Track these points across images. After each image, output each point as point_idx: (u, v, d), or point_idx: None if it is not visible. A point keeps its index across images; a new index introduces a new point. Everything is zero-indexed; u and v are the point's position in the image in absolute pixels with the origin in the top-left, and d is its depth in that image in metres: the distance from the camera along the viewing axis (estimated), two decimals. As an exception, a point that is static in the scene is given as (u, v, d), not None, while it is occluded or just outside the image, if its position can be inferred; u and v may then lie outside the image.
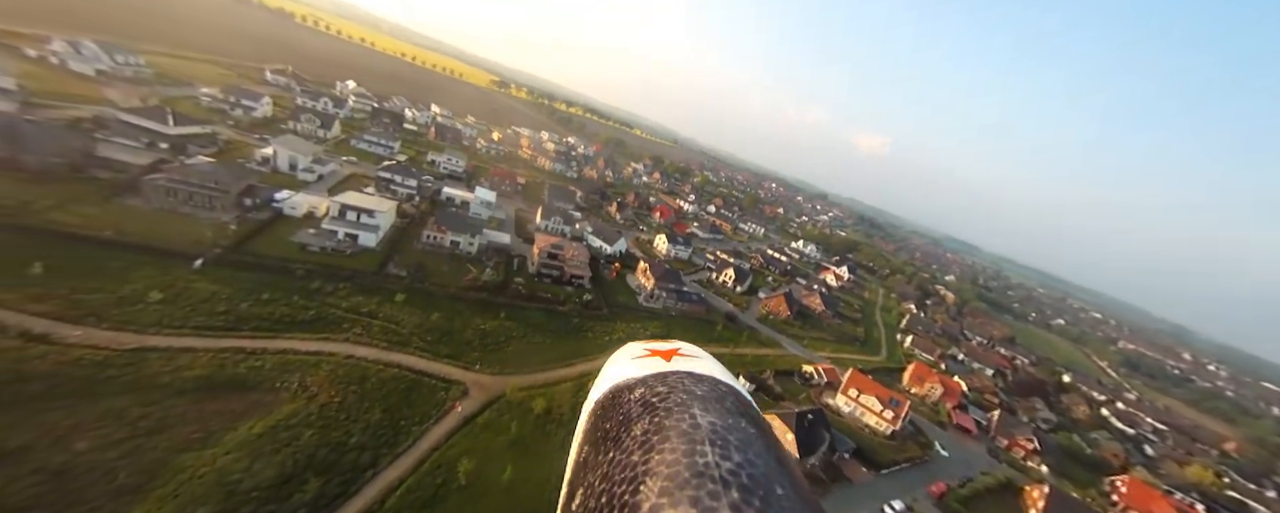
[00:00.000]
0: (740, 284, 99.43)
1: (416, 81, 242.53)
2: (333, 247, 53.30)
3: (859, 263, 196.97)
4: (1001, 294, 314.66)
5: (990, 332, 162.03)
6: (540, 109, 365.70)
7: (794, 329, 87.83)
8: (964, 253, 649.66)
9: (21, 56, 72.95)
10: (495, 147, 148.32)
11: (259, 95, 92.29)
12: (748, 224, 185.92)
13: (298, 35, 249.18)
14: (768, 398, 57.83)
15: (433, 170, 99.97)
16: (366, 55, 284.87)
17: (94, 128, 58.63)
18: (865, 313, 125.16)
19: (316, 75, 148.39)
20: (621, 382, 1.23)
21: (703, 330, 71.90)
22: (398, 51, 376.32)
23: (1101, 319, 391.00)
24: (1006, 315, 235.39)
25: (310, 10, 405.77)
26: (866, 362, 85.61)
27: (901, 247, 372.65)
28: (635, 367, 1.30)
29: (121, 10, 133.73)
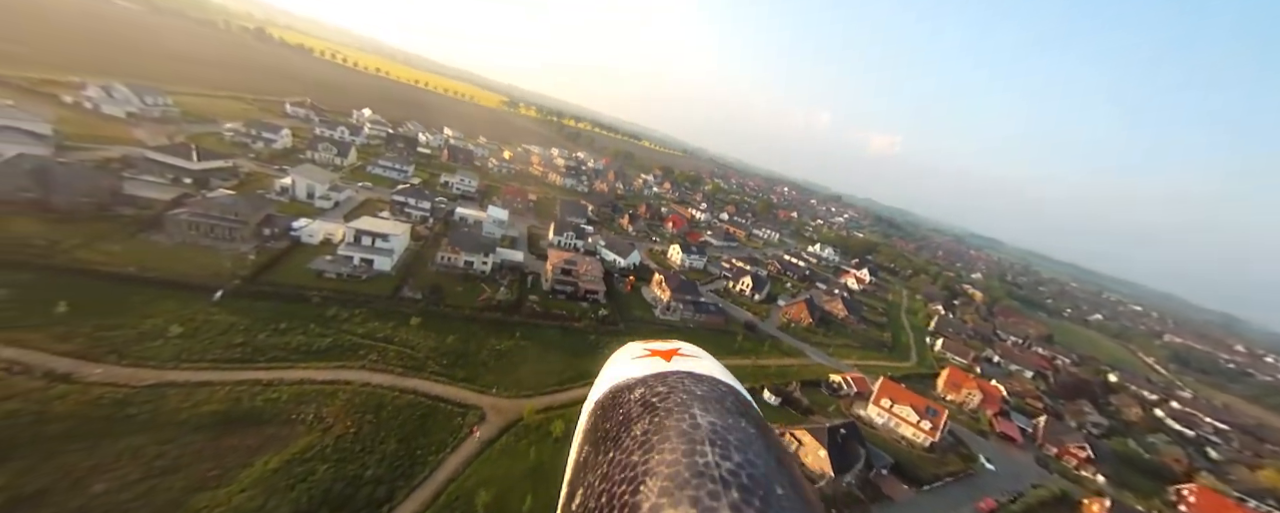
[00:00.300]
0: (758, 292, 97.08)
1: (429, 106, 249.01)
2: (348, 272, 53.58)
3: (880, 264, 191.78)
4: (1032, 290, 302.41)
5: (1025, 331, 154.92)
6: (549, 126, 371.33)
7: (817, 337, 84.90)
8: (988, 249, 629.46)
9: (59, 103, 76.74)
10: (506, 165, 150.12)
11: (279, 127, 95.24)
12: (762, 230, 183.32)
13: (317, 68, 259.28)
14: (795, 412, 55.35)
15: (446, 192, 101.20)
16: (382, 84, 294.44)
17: (122, 167, 60.84)
18: (890, 316, 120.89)
19: (334, 105, 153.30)
20: (621, 382, 1.23)
21: (722, 342, 69.86)
22: (412, 79, 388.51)
23: (1142, 312, 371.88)
24: (1040, 313, 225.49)
25: (329, 45, 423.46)
26: (896, 369, 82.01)
27: (922, 245, 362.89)
28: (635, 367, 1.31)
29: (153, 56, 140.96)
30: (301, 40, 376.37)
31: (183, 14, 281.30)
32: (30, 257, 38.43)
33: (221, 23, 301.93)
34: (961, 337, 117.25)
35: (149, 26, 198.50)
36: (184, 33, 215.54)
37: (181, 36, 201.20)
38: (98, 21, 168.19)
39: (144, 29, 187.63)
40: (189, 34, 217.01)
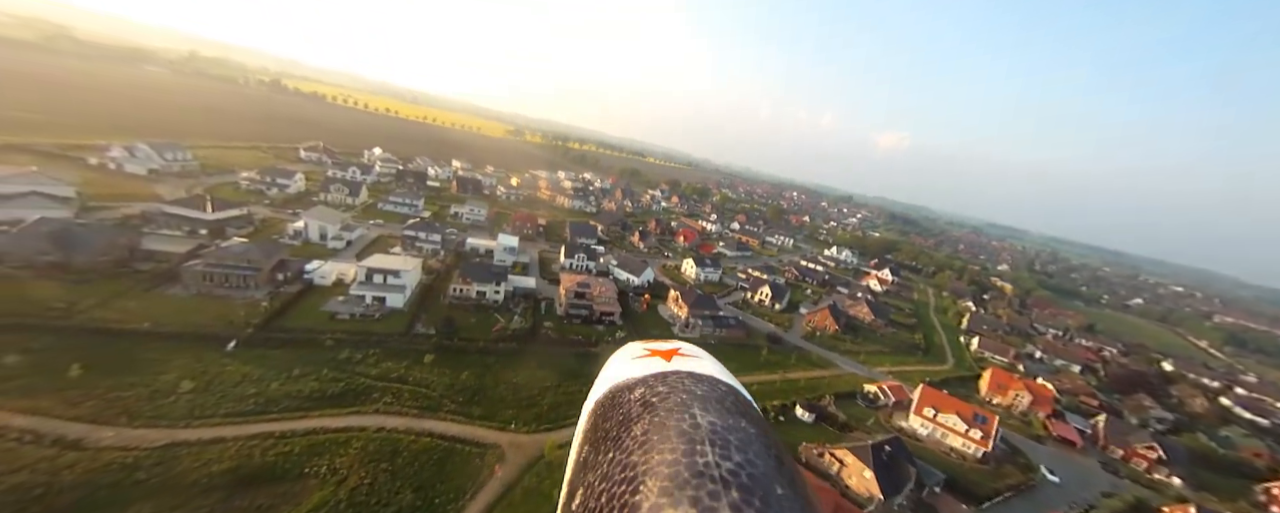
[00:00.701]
0: (778, 301, 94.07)
1: (438, 140, 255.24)
2: (361, 312, 53.02)
3: (901, 263, 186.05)
4: (1064, 278, 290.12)
5: (1063, 322, 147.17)
6: (555, 151, 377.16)
7: (845, 344, 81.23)
8: (1011, 239, 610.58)
9: (84, 166, 79.78)
10: (515, 192, 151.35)
11: (292, 173, 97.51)
12: (775, 237, 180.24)
13: (330, 114, 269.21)
14: (832, 429, 51.98)
15: (456, 223, 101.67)
16: (392, 123, 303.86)
17: (141, 222, 62.19)
18: (919, 316, 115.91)
19: (346, 147, 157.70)
20: (621, 382, 1.23)
21: (747, 357, 67.01)
22: (420, 116, 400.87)
23: (1184, 292, 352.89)
24: (1076, 302, 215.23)
25: (341, 90, 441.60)
26: (934, 373, 77.60)
27: (941, 240, 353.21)
28: (635, 367, 1.31)
29: (177, 114, 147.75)
30: (315, 88, 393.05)
31: (205, 73, 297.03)
32: (48, 320, 38.59)
33: (241, 79, 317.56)
34: (998, 333, 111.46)
35: (174, 88, 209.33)
36: (206, 90, 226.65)
37: (203, 94, 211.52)
38: (129, 87, 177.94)
39: (169, 90, 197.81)
40: (210, 91, 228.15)
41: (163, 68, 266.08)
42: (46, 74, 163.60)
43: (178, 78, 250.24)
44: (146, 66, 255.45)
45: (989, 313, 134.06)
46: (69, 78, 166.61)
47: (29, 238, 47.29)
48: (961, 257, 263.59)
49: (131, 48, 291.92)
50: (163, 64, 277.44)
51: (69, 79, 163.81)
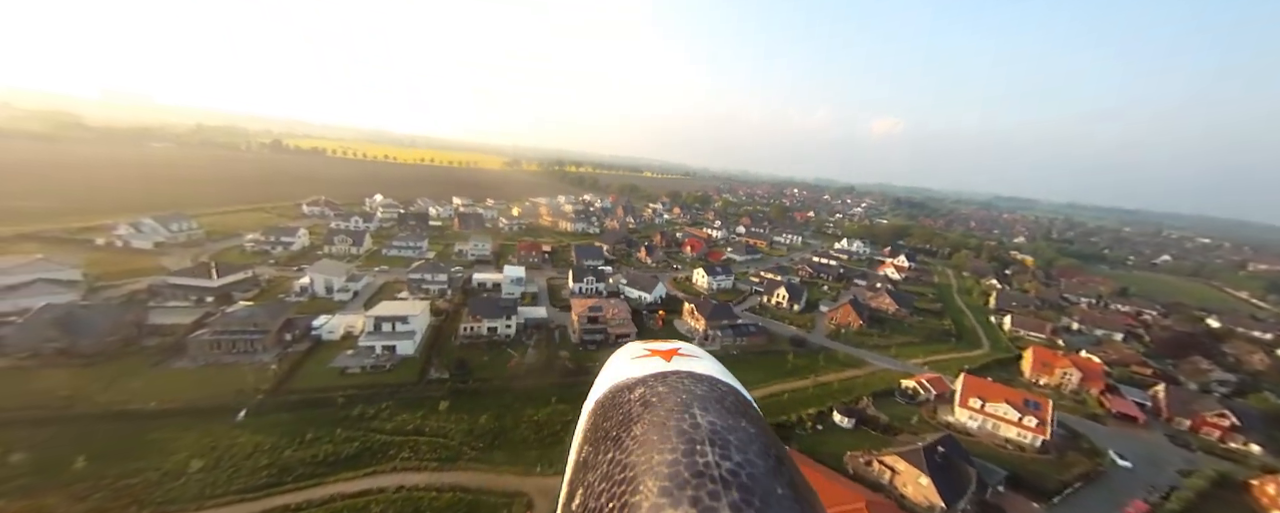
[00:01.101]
0: (796, 302, 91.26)
1: (437, 180, 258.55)
2: (372, 364, 51.63)
3: (915, 248, 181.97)
4: (1085, 243, 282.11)
5: (1094, 289, 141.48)
6: (552, 176, 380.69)
7: (873, 339, 77.98)
8: (1021, 210, 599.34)
9: (91, 247, 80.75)
10: (517, 222, 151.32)
11: (295, 230, 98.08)
12: (783, 236, 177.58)
13: (331, 167, 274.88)
14: (874, 432, 48.83)
15: (461, 260, 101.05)
16: (391, 169, 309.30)
17: (147, 297, 62.03)
18: (944, 301, 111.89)
19: (348, 197, 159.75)
20: (621, 381, 1.24)
21: (773, 364, 64.21)
22: (417, 159, 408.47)
23: (1212, 244, 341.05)
24: (1101, 266, 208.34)
25: (339, 143, 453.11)
26: (970, 359, 73.87)
27: (951, 220, 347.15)
28: (635, 367, 1.31)
29: (183, 184, 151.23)
30: (315, 145, 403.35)
31: (210, 143, 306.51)
32: (53, 410, 37.64)
33: (243, 145, 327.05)
34: (1029, 309, 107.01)
35: (179, 161, 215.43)
36: (211, 160, 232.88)
37: (208, 164, 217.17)
38: (136, 166, 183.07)
39: (175, 164, 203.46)
40: (215, 160, 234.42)
41: (169, 143, 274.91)
42: (57, 160, 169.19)
43: (184, 150, 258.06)
44: (154, 144, 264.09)
45: (1015, 289, 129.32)
46: (79, 162, 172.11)
47: (35, 326, 46.93)
48: (975, 234, 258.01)
49: (139, 127, 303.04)
50: (169, 140, 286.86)
51: (79, 163, 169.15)
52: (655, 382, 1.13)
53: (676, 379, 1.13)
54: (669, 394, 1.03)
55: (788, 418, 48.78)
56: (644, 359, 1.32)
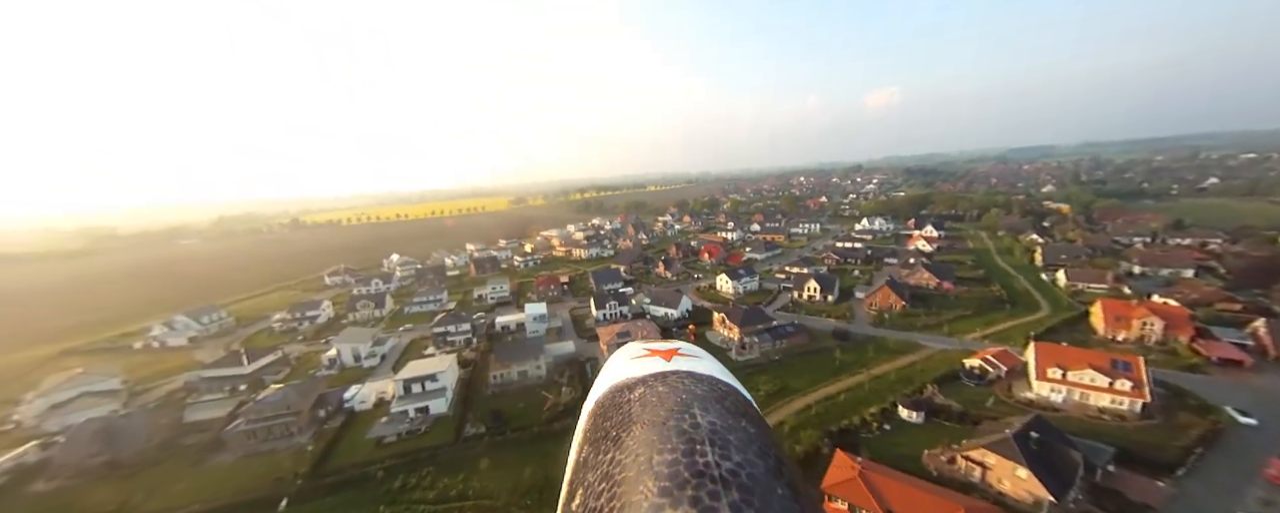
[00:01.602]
0: (829, 292, 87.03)
1: (449, 231, 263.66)
2: (407, 429, 50.18)
3: (940, 216, 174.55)
4: (1119, 180, 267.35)
5: (1145, 226, 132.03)
6: (559, 206, 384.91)
7: (920, 319, 73.10)
8: (1041, 158, 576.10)
9: (130, 351, 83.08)
10: (531, 258, 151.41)
11: (319, 303, 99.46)
12: (800, 226, 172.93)
13: (347, 235, 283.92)
14: (950, 423, 44.34)
15: (482, 305, 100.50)
16: (404, 227, 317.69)
17: (184, 395, 62.59)
18: (986, 265, 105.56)
19: (367, 261, 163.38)
20: (621, 381, 1.25)
21: (820, 364, 60.24)
22: (428, 212, 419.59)
23: (1258, 158, 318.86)
24: (1144, 201, 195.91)
25: (353, 211, 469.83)
26: (1033, 324, 68.18)
27: (970, 180, 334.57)
28: (635, 367, 1.32)
29: (211, 275, 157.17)
30: (330, 217, 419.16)
31: (232, 232, 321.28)
32: (98, 529, 36.99)
33: (264, 228, 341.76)
34: (1080, 259, 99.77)
35: (206, 254, 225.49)
36: (234, 249, 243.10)
37: (232, 253, 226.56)
38: (167, 264, 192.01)
39: (201, 258, 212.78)
40: (238, 248, 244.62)
41: (195, 239, 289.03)
42: (97, 273, 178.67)
43: (209, 243, 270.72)
44: (182, 241, 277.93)
45: (1059, 240, 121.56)
46: (117, 271, 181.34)
47: (78, 443, 47.15)
48: (999, 191, 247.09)
49: (167, 228, 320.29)
50: (195, 235, 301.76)
51: (117, 272, 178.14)
52: (655, 382, 1.16)
53: (676, 379, 1.16)
54: (669, 394, 1.07)
55: (849, 421, 44.88)
56: (644, 359, 1.32)
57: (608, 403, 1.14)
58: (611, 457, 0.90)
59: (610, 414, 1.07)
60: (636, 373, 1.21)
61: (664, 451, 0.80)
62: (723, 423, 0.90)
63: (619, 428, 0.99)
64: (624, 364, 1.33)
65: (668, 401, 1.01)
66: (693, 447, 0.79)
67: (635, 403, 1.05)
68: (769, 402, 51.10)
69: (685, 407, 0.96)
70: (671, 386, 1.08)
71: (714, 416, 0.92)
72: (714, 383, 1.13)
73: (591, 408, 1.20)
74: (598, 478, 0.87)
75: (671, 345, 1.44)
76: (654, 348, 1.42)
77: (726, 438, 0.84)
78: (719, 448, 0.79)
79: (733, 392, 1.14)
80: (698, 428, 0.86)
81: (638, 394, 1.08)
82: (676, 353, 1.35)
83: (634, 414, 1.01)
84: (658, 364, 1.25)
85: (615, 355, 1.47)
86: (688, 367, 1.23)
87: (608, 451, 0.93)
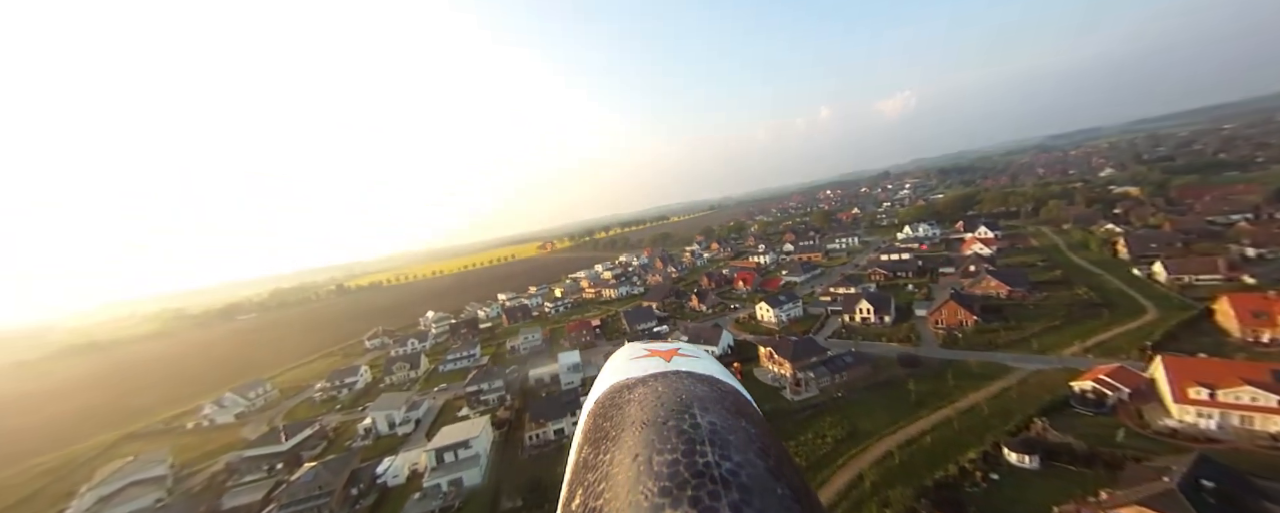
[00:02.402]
0: (885, 312, 78.89)
1: (481, 281, 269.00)
2: (440, 506, 46.14)
3: (991, 216, 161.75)
4: (1189, 155, 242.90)
5: (1243, 202, 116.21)
6: (585, 247, 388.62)
7: (999, 334, 64.04)
8: (1089, 141, 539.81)
9: (182, 432, 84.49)
10: (561, 302, 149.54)
11: (356, 368, 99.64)
12: (836, 242, 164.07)
13: (388, 296, 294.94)
14: (1075, 466, 35.87)
15: (514, 357, 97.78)
16: (440, 282, 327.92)
17: (225, 477, 61.41)
18: (1062, 264, 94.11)
19: (404, 320, 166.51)
20: (621, 381, 1.19)
21: (892, 398, 52.54)
22: (462, 266, 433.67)
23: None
24: (1227, 174, 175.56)
25: (393, 272, 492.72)
26: (1146, 331, 57.91)
27: (1015, 173, 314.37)
28: (635, 367, 1.28)
29: (262, 348, 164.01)
30: (372, 279, 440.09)
31: (286, 303, 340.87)
32: None
33: (313, 296, 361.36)
34: (1177, 246, 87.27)
35: (259, 327, 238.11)
36: (285, 320, 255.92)
37: (283, 324, 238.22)
38: (225, 340, 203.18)
39: (255, 331, 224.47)
40: (289, 318, 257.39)
41: (252, 313, 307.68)
42: (165, 353, 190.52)
43: (264, 315, 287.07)
44: (240, 317, 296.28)
45: (1139, 228, 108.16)
46: (184, 350, 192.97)
47: (115, 542, 45.74)
48: (1051, 180, 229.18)
49: (229, 305, 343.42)
50: (252, 310, 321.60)
51: (183, 351, 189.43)
52: (655, 382, 1.08)
53: (676, 379, 1.09)
54: (669, 394, 0.92)
55: (944, 472, 37.25)
56: (644, 359, 1.29)
57: (608, 403, 1.08)
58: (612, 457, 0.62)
59: (610, 414, 0.97)
60: (636, 373, 1.20)
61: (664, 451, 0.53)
62: (723, 423, 0.67)
63: (619, 428, 0.76)
64: (624, 364, 1.32)
65: (668, 401, 0.86)
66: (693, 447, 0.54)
67: (635, 403, 0.94)
68: (839, 451, 44.02)
69: (685, 407, 0.78)
70: (671, 385, 1.04)
71: (714, 416, 0.71)
72: (714, 383, 1.11)
73: (591, 408, 1.15)
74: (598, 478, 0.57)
75: (671, 346, 1.45)
76: (654, 348, 1.42)
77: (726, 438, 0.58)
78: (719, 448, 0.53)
79: (733, 392, 1.10)
80: (698, 428, 0.63)
81: (638, 394, 1.02)
82: (676, 353, 1.34)
83: (634, 414, 0.82)
84: (658, 364, 1.25)
85: (615, 355, 1.48)
86: (688, 367, 1.22)
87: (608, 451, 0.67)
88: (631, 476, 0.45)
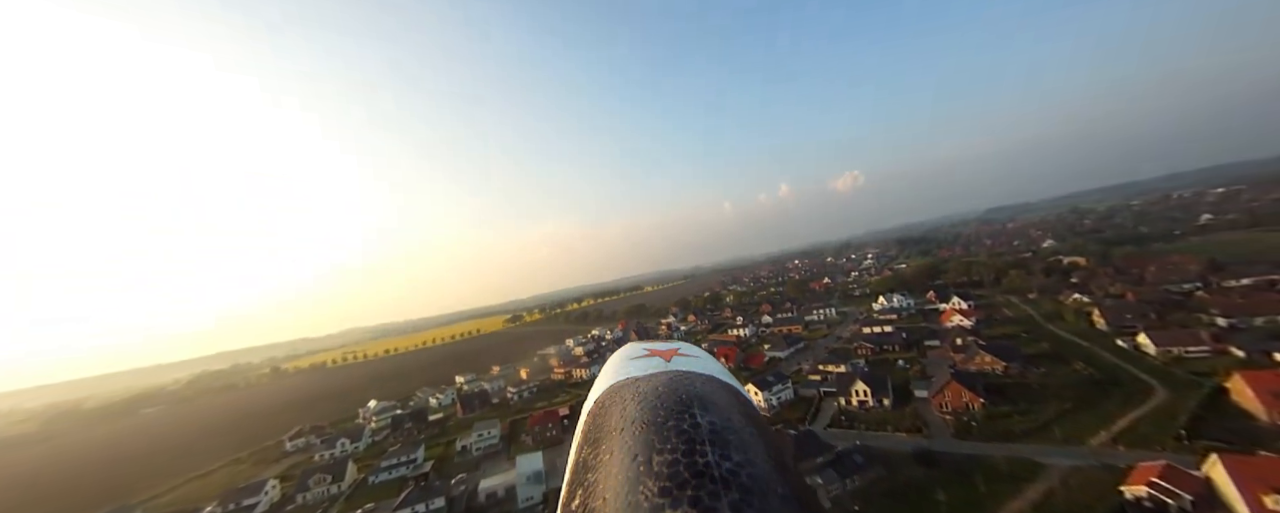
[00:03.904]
0: (883, 394, 72.00)
1: (440, 359, 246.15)
2: None
3: (957, 285, 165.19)
4: (1115, 227, 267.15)
5: (1183, 270, 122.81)
6: (556, 320, 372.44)
7: (1013, 421, 57.74)
8: (1022, 215, 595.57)
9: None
10: (527, 386, 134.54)
11: (263, 484, 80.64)
12: (814, 313, 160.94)
13: (329, 380, 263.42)
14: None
15: (465, 460, 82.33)
16: (393, 362, 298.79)
17: None
18: (1044, 336, 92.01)
19: (342, 411, 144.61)
20: (621, 381, 1.19)
21: (919, 511, 43.56)
22: (420, 343, 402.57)
23: (1230, 192, 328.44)
24: (1154, 245, 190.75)
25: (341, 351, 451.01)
26: (1165, 414, 53.09)
27: (965, 243, 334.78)
28: (635, 367, 1.24)
29: (157, 456, 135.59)
30: (315, 360, 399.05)
31: (208, 389, 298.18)
32: None
33: (242, 382, 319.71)
34: (1150, 316, 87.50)
35: (162, 425, 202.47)
36: (199, 411, 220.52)
37: (194, 417, 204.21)
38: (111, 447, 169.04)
39: (155, 431, 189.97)
40: (204, 410, 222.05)
41: (162, 405, 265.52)
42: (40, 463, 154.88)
43: (175, 409, 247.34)
44: (145, 411, 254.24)
45: (1102, 296, 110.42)
46: (62, 459, 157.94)
47: None
48: (1004, 250, 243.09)
49: (136, 396, 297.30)
50: (162, 402, 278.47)
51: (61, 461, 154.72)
52: (655, 381, 1.11)
53: (676, 379, 1.11)
54: (669, 394, 1.04)
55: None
56: (643, 359, 1.24)
57: (607, 403, 1.11)
58: (612, 457, 0.87)
59: (610, 414, 1.06)
60: (636, 373, 1.17)
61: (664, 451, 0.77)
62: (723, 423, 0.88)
63: (619, 428, 0.97)
64: (624, 364, 1.25)
65: (668, 400, 0.99)
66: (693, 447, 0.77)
67: (635, 403, 1.04)
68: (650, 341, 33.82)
69: (685, 407, 0.94)
70: (671, 385, 1.06)
71: (714, 416, 0.90)
72: (714, 383, 1.10)
73: (591, 408, 1.16)
74: (598, 479, 0.84)
75: (671, 346, 1.35)
76: (654, 348, 1.33)
77: (726, 438, 0.82)
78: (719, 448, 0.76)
79: (733, 392, 1.10)
80: (698, 428, 0.84)
81: (638, 394, 1.07)
82: (676, 353, 1.28)
83: (634, 414, 0.99)
84: (657, 364, 1.19)
85: (615, 355, 1.38)
86: (688, 366, 1.17)
87: (608, 451, 0.91)
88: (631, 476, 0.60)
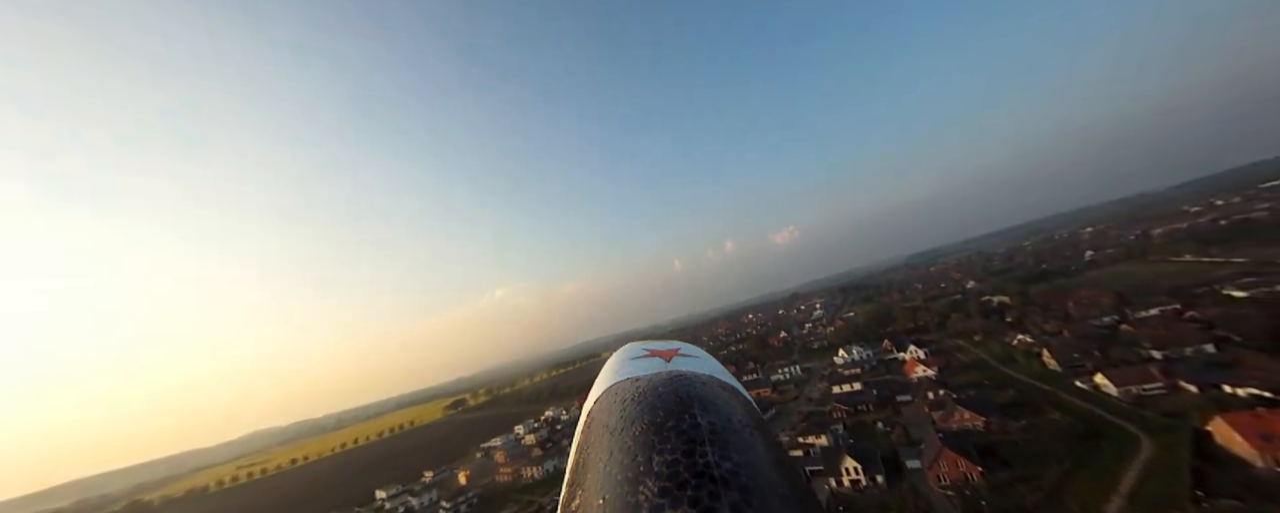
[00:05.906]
0: (875, 471, 64.65)
1: (359, 464, 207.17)
2: None
3: (904, 332, 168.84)
4: (1020, 266, 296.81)
5: (1099, 304, 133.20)
6: (504, 401, 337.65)
7: (1017, 491, 52.18)
8: (939, 259, 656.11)
9: None
10: (466, 494, 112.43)
11: None
12: (779, 372, 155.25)
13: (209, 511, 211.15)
14: None
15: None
16: (296, 475, 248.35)
17: None
18: (1008, 383, 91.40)
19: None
20: (621, 381, 1.23)
21: None
22: (338, 445, 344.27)
23: (1103, 228, 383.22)
24: (1059, 281, 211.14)
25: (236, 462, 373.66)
26: (1162, 468, 49.99)
27: (899, 288, 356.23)
28: (635, 367, 1.30)
29: None
30: (198, 481, 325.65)
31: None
32: None
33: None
34: (1096, 355, 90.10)
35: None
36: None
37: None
38: None
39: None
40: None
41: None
42: None
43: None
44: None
45: (1056, 337, 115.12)
46: None
47: None
48: (935, 293, 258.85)
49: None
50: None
51: None
52: (655, 381, 1.11)
53: (676, 379, 1.10)
54: (669, 394, 1.03)
55: None
56: (644, 359, 1.27)
57: (608, 403, 1.10)
58: (612, 457, 0.88)
59: (610, 415, 1.05)
60: (636, 373, 1.17)
61: (664, 451, 0.81)
62: (723, 423, 0.88)
63: (619, 428, 0.97)
64: (624, 364, 1.26)
65: (668, 401, 0.98)
66: (693, 447, 0.81)
67: (635, 403, 1.03)
68: None
69: (685, 407, 0.94)
70: (671, 385, 1.06)
71: (714, 416, 0.91)
72: (714, 383, 1.09)
73: (591, 408, 1.15)
74: (598, 479, 0.85)
75: (671, 346, 1.40)
76: (654, 348, 1.38)
77: (726, 438, 0.85)
78: (719, 448, 0.81)
79: (733, 392, 1.09)
80: (698, 428, 0.87)
81: (637, 394, 1.06)
82: (676, 353, 1.30)
83: (634, 415, 0.98)
84: (657, 364, 1.20)
85: (615, 356, 1.42)
86: (688, 367, 1.19)
87: (608, 451, 0.92)
88: (632, 476, 0.99)
